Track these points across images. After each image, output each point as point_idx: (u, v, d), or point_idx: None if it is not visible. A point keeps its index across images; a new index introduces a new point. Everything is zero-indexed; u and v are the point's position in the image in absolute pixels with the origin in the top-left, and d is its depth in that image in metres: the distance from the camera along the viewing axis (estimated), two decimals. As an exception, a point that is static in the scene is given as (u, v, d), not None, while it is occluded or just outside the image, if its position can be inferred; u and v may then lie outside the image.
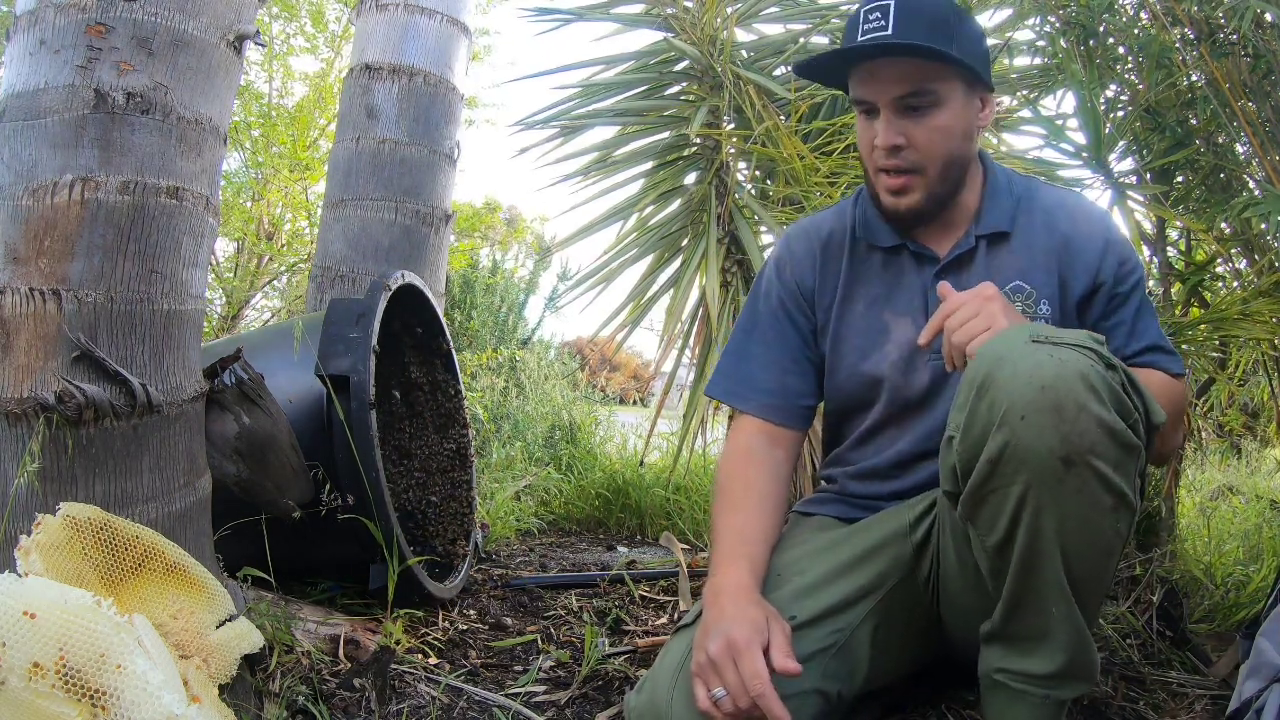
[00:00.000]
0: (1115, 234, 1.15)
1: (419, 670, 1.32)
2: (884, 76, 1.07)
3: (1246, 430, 3.29)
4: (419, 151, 2.22)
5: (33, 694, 0.75)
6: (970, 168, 1.15)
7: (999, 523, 0.88)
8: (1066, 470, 0.83)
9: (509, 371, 4.06)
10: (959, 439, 0.90)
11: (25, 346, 1.04)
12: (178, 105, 1.14)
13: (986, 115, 1.13)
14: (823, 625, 1.02)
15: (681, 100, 2.51)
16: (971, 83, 1.09)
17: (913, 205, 1.11)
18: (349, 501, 1.40)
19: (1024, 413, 0.83)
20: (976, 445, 0.87)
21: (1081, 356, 0.84)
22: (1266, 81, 1.56)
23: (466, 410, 1.99)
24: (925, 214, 1.13)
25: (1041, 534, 0.86)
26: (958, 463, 0.91)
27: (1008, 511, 0.87)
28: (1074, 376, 0.82)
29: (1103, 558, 0.89)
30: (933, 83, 1.05)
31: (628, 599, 1.78)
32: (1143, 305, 1.13)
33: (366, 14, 2.29)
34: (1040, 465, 0.83)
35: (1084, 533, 0.86)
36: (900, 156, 1.08)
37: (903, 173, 1.09)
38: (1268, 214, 1.41)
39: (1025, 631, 0.93)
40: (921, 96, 1.06)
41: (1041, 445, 0.82)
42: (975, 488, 0.89)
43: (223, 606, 1.08)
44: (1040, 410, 0.82)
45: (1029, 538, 0.87)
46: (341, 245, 2.18)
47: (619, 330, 2.54)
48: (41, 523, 0.94)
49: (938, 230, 1.17)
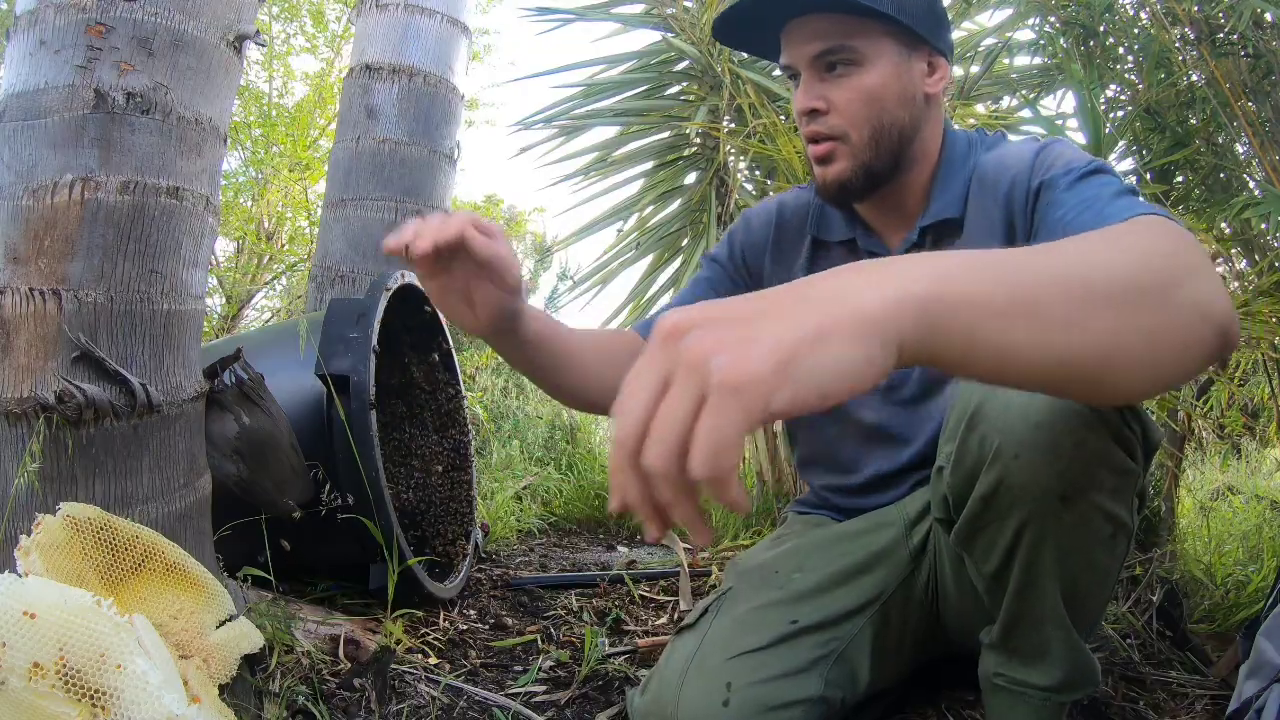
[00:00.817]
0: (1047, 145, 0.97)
1: (419, 670, 1.32)
2: (800, 35, 0.97)
3: (1246, 430, 3.29)
4: (419, 151, 2.22)
5: (33, 694, 0.75)
6: (916, 141, 1.02)
7: (993, 554, 0.86)
8: (1064, 506, 0.80)
9: (509, 371, 4.06)
10: (949, 471, 0.86)
11: (25, 346, 1.04)
12: (178, 105, 1.14)
13: (936, 81, 1.01)
14: (824, 632, 1.01)
15: (681, 100, 2.51)
16: (911, 43, 0.98)
17: (839, 176, 0.99)
18: (349, 501, 1.40)
19: (1017, 451, 0.78)
20: (968, 480, 0.84)
21: None
22: (1266, 81, 1.56)
23: (466, 410, 1.99)
24: (856, 188, 1.01)
25: (1038, 565, 0.84)
26: (949, 494, 0.88)
27: (1002, 545, 0.84)
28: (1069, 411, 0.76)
29: (1100, 582, 0.87)
30: (853, 39, 0.95)
31: (628, 599, 1.78)
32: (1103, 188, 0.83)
33: (366, 14, 2.29)
34: (1036, 504, 0.80)
35: (1081, 561, 0.84)
36: (820, 122, 0.98)
37: (824, 140, 0.99)
38: (1268, 214, 1.41)
39: (1023, 648, 0.92)
40: (839, 53, 0.96)
41: (1037, 485, 0.79)
42: (968, 521, 0.86)
43: (223, 606, 1.08)
44: (1035, 448, 0.77)
45: (1025, 569, 0.85)
46: (341, 245, 2.18)
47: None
48: (41, 523, 0.94)
49: (894, 220, 1.07)
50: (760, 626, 1.00)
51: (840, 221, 1.11)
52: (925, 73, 1.00)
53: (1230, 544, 1.88)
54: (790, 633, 1.00)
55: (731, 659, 0.97)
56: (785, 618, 1.01)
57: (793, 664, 0.97)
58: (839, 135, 0.98)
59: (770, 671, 0.96)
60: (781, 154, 2.04)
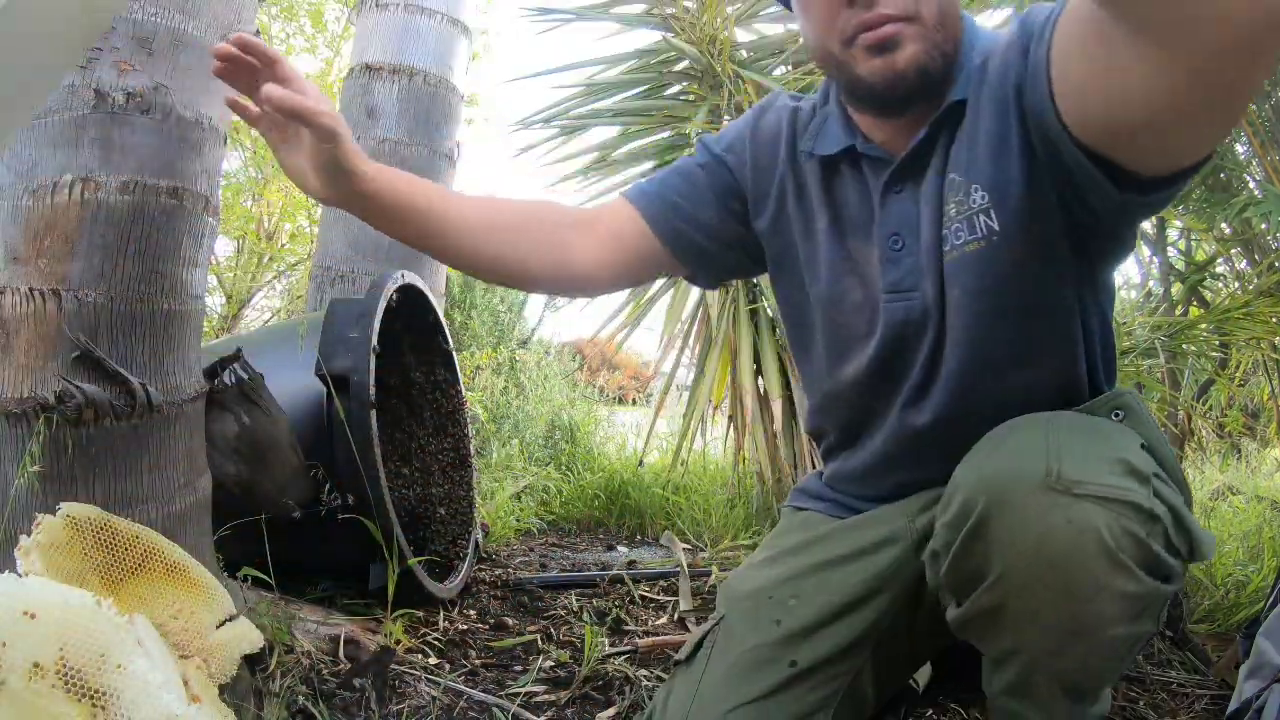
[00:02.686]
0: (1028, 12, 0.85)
1: (419, 670, 1.32)
2: None
3: (1246, 430, 3.29)
4: (419, 151, 2.22)
5: (33, 694, 0.75)
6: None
7: (992, 649, 0.82)
8: (1074, 642, 0.72)
9: (509, 371, 4.06)
10: (946, 568, 0.79)
11: (25, 346, 1.04)
12: (178, 105, 1.14)
13: None
14: (827, 670, 0.94)
15: (681, 100, 2.51)
16: None
17: (915, 59, 0.82)
18: (349, 501, 1.40)
19: (1026, 583, 0.70)
20: (966, 586, 0.78)
21: (1107, 512, 0.67)
22: (1267, 81, 1.56)
23: (466, 410, 1.99)
24: (930, 77, 0.83)
25: (1036, 682, 0.78)
26: (944, 585, 0.82)
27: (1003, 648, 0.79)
28: (1093, 549, 0.67)
29: (1112, 676, 0.82)
30: None
31: (628, 599, 1.78)
32: None
33: (366, 14, 2.29)
34: (1041, 636, 0.73)
35: (1088, 677, 0.78)
36: (883, 3, 0.81)
37: (890, 22, 0.81)
38: (1268, 213, 1.41)
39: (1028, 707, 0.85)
40: None
41: (1044, 619, 0.72)
42: (965, 622, 0.81)
43: (223, 606, 1.08)
44: (1047, 588, 0.70)
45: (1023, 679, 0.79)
46: (342, 245, 2.18)
47: (619, 330, 2.54)
48: (41, 523, 0.94)
49: (903, 128, 0.91)
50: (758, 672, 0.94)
51: (838, 132, 0.95)
52: None
53: (1230, 544, 1.88)
54: (791, 677, 0.93)
55: (731, 711, 0.91)
56: (785, 659, 0.94)
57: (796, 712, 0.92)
58: (907, 14, 0.81)
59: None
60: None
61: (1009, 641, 0.78)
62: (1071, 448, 0.70)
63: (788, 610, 0.97)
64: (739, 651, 0.96)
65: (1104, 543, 0.67)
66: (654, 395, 3.37)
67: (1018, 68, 0.81)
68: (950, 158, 0.87)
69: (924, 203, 0.89)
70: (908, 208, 0.90)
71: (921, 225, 0.89)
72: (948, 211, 0.86)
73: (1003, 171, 0.83)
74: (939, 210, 0.87)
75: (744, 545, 2.23)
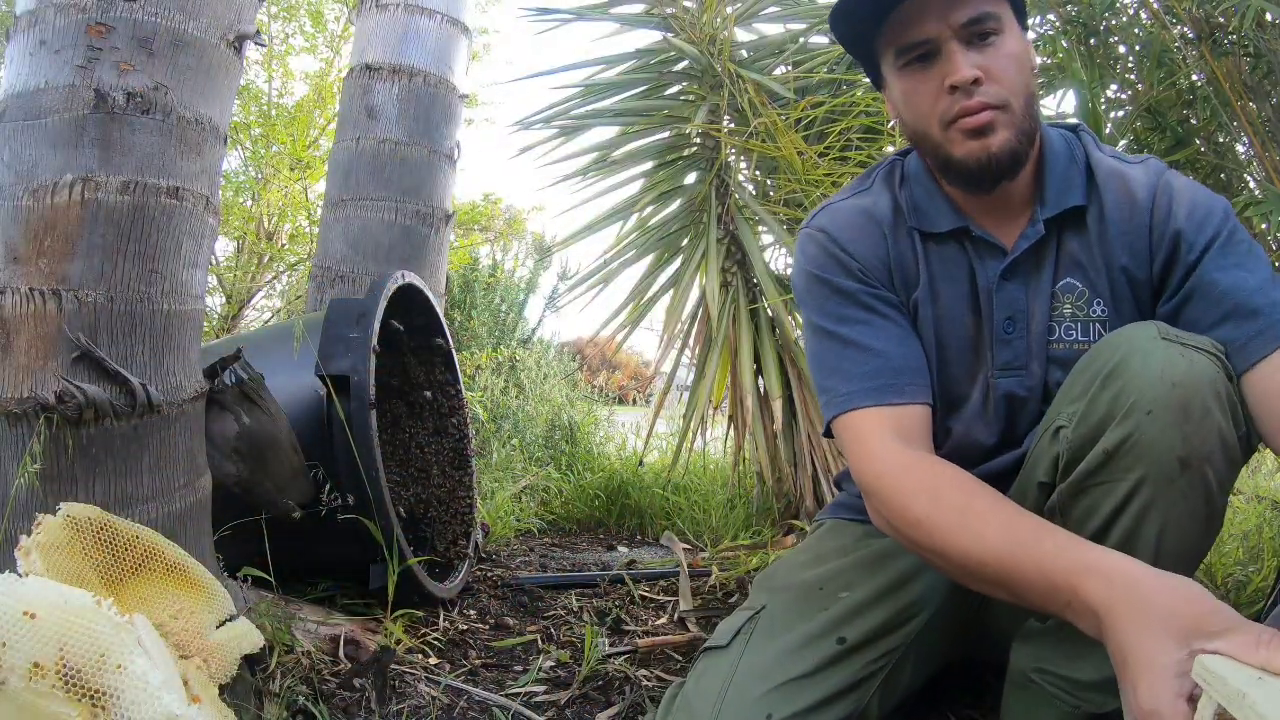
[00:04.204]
0: (1164, 177, 0.97)
1: (419, 670, 1.32)
2: (938, 4, 0.91)
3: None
4: (419, 151, 2.22)
5: (33, 694, 0.75)
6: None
7: (1094, 519, 0.85)
8: (1181, 473, 0.80)
9: (509, 371, 4.06)
10: (1072, 428, 0.85)
11: (25, 346, 1.04)
12: (178, 105, 1.14)
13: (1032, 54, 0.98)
14: (874, 648, 0.98)
15: (681, 100, 2.51)
16: (1017, 11, 0.97)
17: (1006, 144, 0.92)
18: (349, 501, 1.40)
19: (1151, 407, 0.79)
20: (1093, 434, 0.83)
21: (1209, 361, 0.80)
22: (1267, 81, 1.56)
23: (466, 410, 1.99)
24: (1019, 158, 0.95)
25: (1139, 535, 0.82)
26: (1065, 451, 0.86)
27: (1108, 507, 0.83)
28: (1203, 380, 0.79)
29: (1185, 570, 0.83)
30: (993, 4, 0.92)
31: (628, 599, 1.78)
32: (1234, 246, 0.91)
33: (366, 14, 2.29)
34: (1157, 463, 0.80)
35: (1177, 540, 0.82)
36: (981, 91, 0.91)
37: (987, 109, 0.92)
38: (1268, 213, 1.41)
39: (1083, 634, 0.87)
40: (987, 21, 0.92)
41: (1163, 443, 0.79)
42: (1082, 477, 0.85)
43: (223, 606, 1.08)
44: (1168, 408, 0.79)
45: (1124, 536, 0.83)
46: (342, 245, 2.18)
47: (619, 330, 2.54)
48: (41, 523, 0.94)
49: (1000, 209, 1.00)
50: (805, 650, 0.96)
51: (942, 210, 1.03)
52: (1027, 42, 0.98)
53: (1230, 544, 1.88)
54: (838, 653, 0.96)
55: (775, 689, 0.93)
56: (832, 636, 0.97)
57: (839, 684, 0.94)
58: (1001, 104, 0.92)
59: (814, 697, 0.93)
60: (783, 153, 2.04)
61: (1124, 487, 0.82)
62: (1172, 329, 0.84)
63: (838, 600, 1.01)
64: (785, 635, 0.98)
65: (1209, 373, 0.79)
66: (654, 395, 3.38)
67: (1168, 250, 0.94)
68: (1064, 259, 0.99)
69: (1036, 295, 1.00)
70: (1018, 295, 1.00)
71: (1033, 314, 1.00)
72: (1061, 309, 0.99)
73: (1122, 301, 0.98)
74: (1050, 303, 1.00)
75: (744, 545, 2.23)
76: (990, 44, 0.92)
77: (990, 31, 0.92)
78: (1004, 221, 1.01)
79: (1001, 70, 0.92)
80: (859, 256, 1.03)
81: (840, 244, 1.04)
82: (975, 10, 0.91)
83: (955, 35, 0.92)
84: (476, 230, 5.77)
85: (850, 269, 1.03)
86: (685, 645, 1.46)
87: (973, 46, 0.92)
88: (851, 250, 1.03)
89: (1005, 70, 0.92)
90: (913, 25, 0.93)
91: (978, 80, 0.91)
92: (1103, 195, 0.98)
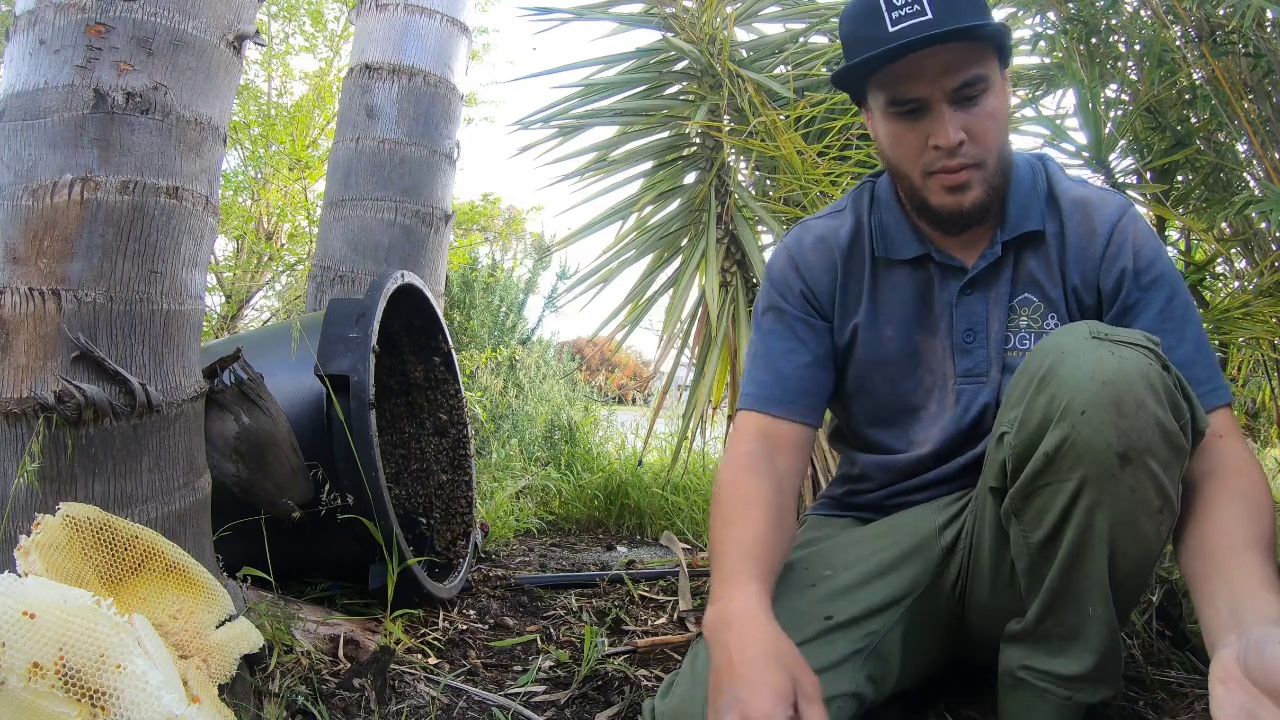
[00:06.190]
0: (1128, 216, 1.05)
1: (419, 670, 1.32)
2: (933, 67, 0.96)
3: (1246, 430, 3.29)
4: (419, 151, 2.22)
5: (32, 694, 0.75)
6: None
7: (1047, 518, 0.87)
8: (1122, 468, 0.82)
9: (508, 371, 4.06)
10: (1013, 434, 0.89)
11: (25, 346, 1.04)
12: (177, 105, 1.14)
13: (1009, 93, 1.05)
14: (859, 627, 1.01)
15: (681, 100, 2.51)
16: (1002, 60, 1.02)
17: (977, 200, 1.02)
18: (349, 501, 1.40)
19: (1085, 408, 0.82)
20: (1033, 439, 0.86)
21: (1141, 355, 0.83)
22: (1267, 81, 1.56)
23: (466, 410, 1.99)
24: (989, 209, 1.04)
25: (1091, 530, 0.85)
26: (1010, 457, 0.90)
27: (1058, 507, 0.86)
28: (1134, 374, 0.82)
29: (1145, 560, 0.88)
30: (983, 66, 0.97)
31: (627, 599, 1.78)
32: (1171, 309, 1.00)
33: (366, 14, 2.29)
34: (1097, 461, 0.82)
35: (1131, 532, 0.85)
36: (963, 153, 0.99)
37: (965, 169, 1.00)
38: (1268, 212, 1.41)
39: (1058, 630, 0.92)
40: (976, 85, 0.97)
41: (1100, 440, 0.82)
42: (1028, 481, 0.88)
43: (222, 606, 1.08)
44: (1101, 406, 0.81)
45: (1078, 534, 0.86)
46: (341, 245, 2.18)
47: (618, 330, 2.54)
48: (41, 523, 0.94)
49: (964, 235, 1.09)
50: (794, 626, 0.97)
51: (908, 238, 1.11)
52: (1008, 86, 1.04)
53: (1230, 543, 1.88)
54: (826, 629, 0.99)
55: None
56: (820, 614, 1.00)
57: (828, 659, 0.97)
58: (978, 162, 1.01)
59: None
60: (783, 152, 2.04)
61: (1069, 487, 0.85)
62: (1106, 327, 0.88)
63: (823, 579, 1.05)
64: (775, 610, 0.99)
65: (1141, 370, 0.82)
66: (653, 395, 3.37)
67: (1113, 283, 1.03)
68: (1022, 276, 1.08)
69: (994, 307, 1.09)
70: (978, 308, 1.09)
71: (991, 324, 1.09)
72: (1017, 321, 1.08)
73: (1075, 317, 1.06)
74: (1007, 315, 1.08)
75: (744, 545, 2.23)
76: (976, 104, 0.99)
77: (978, 93, 0.98)
78: (966, 245, 1.10)
79: (983, 131, 0.99)
80: (810, 281, 1.15)
81: (798, 265, 1.16)
82: (968, 75, 0.97)
83: (946, 98, 0.98)
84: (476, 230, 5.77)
85: (796, 290, 1.15)
86: (685, 645, 1.46)
87: (960, 107, 0.99)
88: (805, 274, 1.15)
89: (986, 131, 0.99)
90: (908, 82, 0.99)
91: (961, 142, 0.99)
92: (1065, 220, 1.07)
